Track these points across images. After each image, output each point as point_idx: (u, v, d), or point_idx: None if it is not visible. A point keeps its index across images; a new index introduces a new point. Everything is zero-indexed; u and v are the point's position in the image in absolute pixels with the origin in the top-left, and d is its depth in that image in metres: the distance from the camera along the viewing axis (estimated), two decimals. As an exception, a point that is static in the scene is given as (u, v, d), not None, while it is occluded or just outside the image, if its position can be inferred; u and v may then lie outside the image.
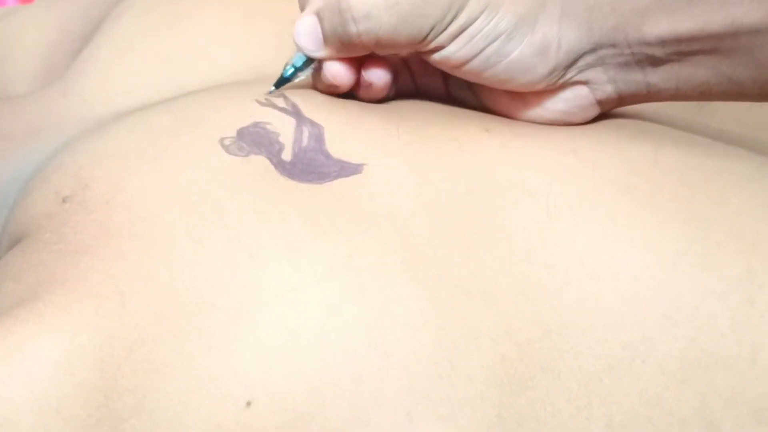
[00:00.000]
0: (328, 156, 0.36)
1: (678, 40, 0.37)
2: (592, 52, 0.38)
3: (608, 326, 0.33)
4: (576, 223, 0.35)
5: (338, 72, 0.39)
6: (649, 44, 0.37)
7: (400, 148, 0.37)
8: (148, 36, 0.45)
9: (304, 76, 0.40)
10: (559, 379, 0.33)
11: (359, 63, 0.40)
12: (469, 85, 0.42)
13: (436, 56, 0.38)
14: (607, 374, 0.33)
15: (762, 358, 0.33)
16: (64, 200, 0.34)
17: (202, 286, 0.31)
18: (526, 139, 0.38)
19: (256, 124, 0.36)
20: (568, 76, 0.39)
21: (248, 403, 0.30)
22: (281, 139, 0.36)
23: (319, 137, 0.36)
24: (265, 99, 0.38)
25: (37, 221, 0.34)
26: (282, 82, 0.39)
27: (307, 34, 0.39)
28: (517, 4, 0.37)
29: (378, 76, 0.40)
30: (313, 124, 0.37)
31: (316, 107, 0.38)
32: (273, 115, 0.37)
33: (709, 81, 0.38)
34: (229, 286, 0.32)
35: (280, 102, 0.38)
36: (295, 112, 0.37)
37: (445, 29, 0.37)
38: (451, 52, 0.38)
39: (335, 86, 0.40)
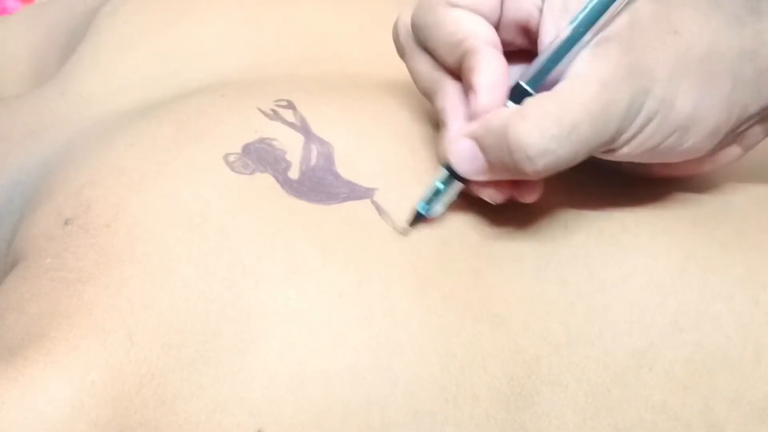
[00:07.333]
0: (337, 176, 0.35)
1: None
2: (758, 113, 0.35)
3: (616, 336, 0.33)
4: (590, 236, 0.35)
5: (494, 195, 0.34)
6: None
7: (412, 173, 0.36)
8: (148, 33, 0.44)
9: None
10: (565, 392, 0.33)
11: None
12: None
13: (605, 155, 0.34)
14: (614, 384, 0.33)
15: (766, 358, 0.33)
16: (66, 222, 0.33)
17: (206, 313, 0.31)
18: None
19: (262, 140, 0.35)
20: (728, 139, 0.36)
21: None
22: (288, 156, 0.35)
23: (328, 156, 0.35)
24: (272, 110, 0.37)
25: (39, 243, 0.33)
26: (419, 218, 0.34)
27: (468, 162, 0.33)
28: (694, 89, 0.33)
29: (532, 195, 0.35)
30: (322, 142, 0.36)
31: (326, 121, 0.37)
32: (280, 131, 0.36)
33: None
34: (234, 313, 0.31)
35: (288, 116, 0.37)
36: (304, 128, 0.36)
37: (622, 136, 0.32)
38: (624, 154, 0.33)
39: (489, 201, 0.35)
